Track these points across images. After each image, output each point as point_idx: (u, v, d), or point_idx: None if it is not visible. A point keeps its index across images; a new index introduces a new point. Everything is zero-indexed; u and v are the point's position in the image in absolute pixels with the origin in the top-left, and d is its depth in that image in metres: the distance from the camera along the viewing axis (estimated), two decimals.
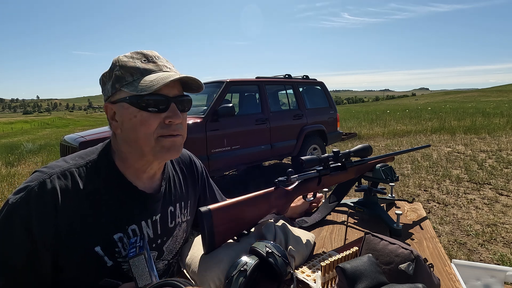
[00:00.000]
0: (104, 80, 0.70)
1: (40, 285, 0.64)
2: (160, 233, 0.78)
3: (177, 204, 0.84)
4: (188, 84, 0.73)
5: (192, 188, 0.92)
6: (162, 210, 0.79)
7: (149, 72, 0.66)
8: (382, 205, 1.14)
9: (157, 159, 0.71)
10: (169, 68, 0.70)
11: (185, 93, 0.73)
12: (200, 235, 0.78)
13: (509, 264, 2.21)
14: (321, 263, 0.66)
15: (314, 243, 0.91)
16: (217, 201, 0.98)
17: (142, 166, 0.73)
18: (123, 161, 0.72)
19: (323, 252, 0.87)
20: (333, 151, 0.97)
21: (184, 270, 0.78)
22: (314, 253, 0.87)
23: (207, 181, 1.00)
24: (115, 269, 0.69)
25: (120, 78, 0.66)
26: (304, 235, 0.88)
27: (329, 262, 0.66)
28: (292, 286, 0.69)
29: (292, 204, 1.07)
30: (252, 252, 0.71)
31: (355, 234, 1.00)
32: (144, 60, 0.68)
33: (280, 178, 0.86)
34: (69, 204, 0.64)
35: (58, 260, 0.64)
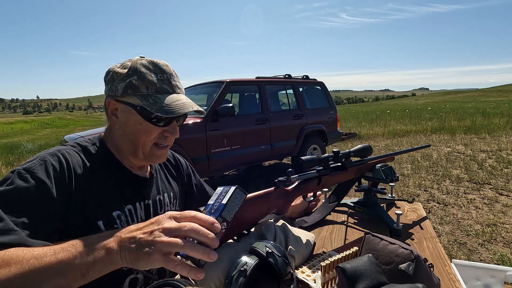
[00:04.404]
0: (114, 77, 0.73)
1: (47, 237, 0.62)
2: None
3: (165, 194, 0.89)
4: None
5: (178, 183, 0.97)
6: (152, 196, 0.84)
7: (164, 91, 0.72)
8: (382, 205, 1.14)
9: (147, 162, 0.80)
10: (179, 89, 0.76)
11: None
12: None
13: (509, 264, 2.21)
14: (321, 263, 0.66)
15: (314, 243, 0.91)
16: (207, 195, 1.03)
17: (133, 160, 0.79)
18: (118, 152, 0.79)
19: (323, 252, 0.87)
20: (333, 151, 0.97)
21: None
22: (314, 253, 0.87)
23: (193, 176, 1.04)
24: None
25: (135, 87, 0.71)
26: (304, 235, 0.88)
27: (329, 262, 0.66)
28: (292, 286, 0.69)
29: (292, 204, 1.07)
30: (252, 252, 0.71)
31: (355, 234, 1.00)
32: (160, 76, 0.73)
33: (280, 178, 0.86)
34: (79, 176, 0.69)
35: (63, 227, 0.65)
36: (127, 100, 0.72)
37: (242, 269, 0.65)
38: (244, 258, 0.67)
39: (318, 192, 1.18)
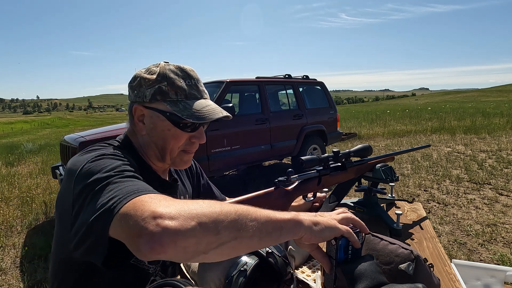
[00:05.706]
0: (142, 83, 0.72)
1: None
2: None
3: (182, 197, 0.88)
4: None
5: (190, 184, 0.98)
6: None
7: (193, 97, 0.73)
8: (382, 205, 1.14)
9: (173, 166, 0.82)
10: (206, 94, 0.77)
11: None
12: None
13: (509, 264, 2.21)
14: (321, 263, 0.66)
15: None
16: (215, 195, 1.04)
17: (159, 164, 0.80)
18: (143, 155, 0.78)
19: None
20: (333, 151, 0.97)
21: (184, 270, 0.78)
22: None
23: (201, 176, 1.05)
24: None
25: (165, 93, 0.70)
26: None
27: None
28: (292, 286, 0.69)
29: (295, 204, 1.07)
30: (252, 252, 0.71)
31: None
32: (188, 82, 0.73)
33: (280, 178, 0.86)
34: None
35: None
36: (156, 106, 0.71)
37: (242, 269, 0.65)
38: (244, 258, 0.67)
39: (323, 194, 1.18)
